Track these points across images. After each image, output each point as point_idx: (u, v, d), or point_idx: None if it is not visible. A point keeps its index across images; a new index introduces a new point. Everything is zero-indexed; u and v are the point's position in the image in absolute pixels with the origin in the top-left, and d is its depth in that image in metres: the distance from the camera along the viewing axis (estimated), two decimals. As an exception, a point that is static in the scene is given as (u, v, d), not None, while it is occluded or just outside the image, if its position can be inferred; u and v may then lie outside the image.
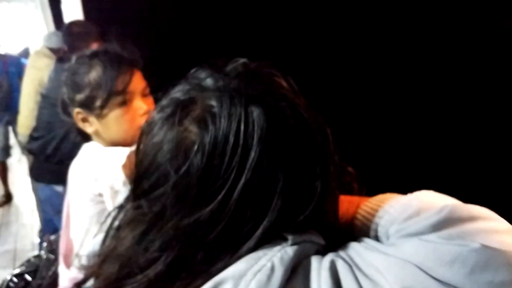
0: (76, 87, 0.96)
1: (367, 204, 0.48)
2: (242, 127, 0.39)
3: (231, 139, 0.39)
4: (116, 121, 0.94)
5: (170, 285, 0.41)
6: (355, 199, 0.52)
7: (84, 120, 0.98)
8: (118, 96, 0.93)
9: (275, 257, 0.38)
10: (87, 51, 0.99)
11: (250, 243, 0.39)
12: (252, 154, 0.39)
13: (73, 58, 1.01)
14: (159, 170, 0.42)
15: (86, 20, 1.99)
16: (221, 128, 0.40)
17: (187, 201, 0.40)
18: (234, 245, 0.40)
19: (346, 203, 0.51)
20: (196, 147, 0.40)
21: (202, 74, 0.45)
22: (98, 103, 0.93)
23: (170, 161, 0.41)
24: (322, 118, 0.46)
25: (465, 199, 0.42)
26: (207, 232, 0.40)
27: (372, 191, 0.53)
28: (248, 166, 0.39)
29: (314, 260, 0.39)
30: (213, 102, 0.41)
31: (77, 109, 0.97)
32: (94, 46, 1.92)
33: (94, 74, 0.94)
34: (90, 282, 0.48)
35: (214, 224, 0.40)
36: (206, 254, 0.40)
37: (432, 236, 0.37)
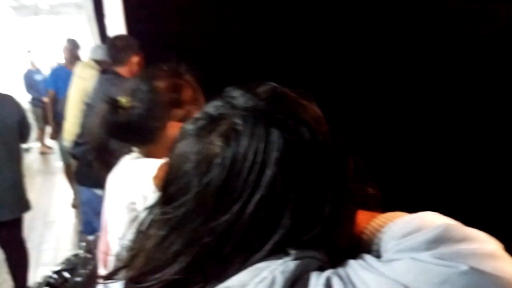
0: None
1: (376, 220, 0.50)
2: (260, 147, 0.43)
3: (250, 156, 0.43)
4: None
5: (184, 287, 0.44)
6: (368, 214, 0.53)
7: None
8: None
9: (277, 270, 0.40)
10: None
11: (259, 255, 0.43)
12: (268, 173, 0.42)
13: None
14: (184, 177, 0.46)
15: (128, 34, 2.12)
16: (242, 146, 0.43)
17: (206, 210, 0.44)
18: (245, 255, 0.43)
19: (360, 216, 0.53)
20: (218, 160, 0.44)
21: (235, 93, 0.49)
22: None
23: (194, 170, 0.46)
24: (347, 145, 0.48)
25: (469, 209, 0.42)
26: (221, 240, 0.43)
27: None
28: (262, 183, 0.42)
29: (313, 276, 0.41)
30: (239, 121, 0.45)
31: None
32: (134, 59, 2.04)
33: None
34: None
35: (228, 234, 0.43)
36: (219, 261, 0.44)
37: (425, 255, 0.38)
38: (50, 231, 3.56)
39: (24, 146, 2.78)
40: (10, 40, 7.32)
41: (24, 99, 5.00)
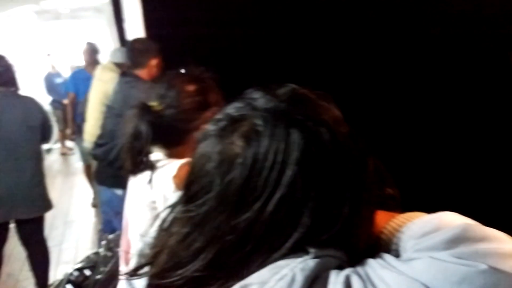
0: None
1: (395, 220, 0.50)
2: (281, 147, 0.44)
3: (271, 156, 0.44)
4: None
5: (206, 283, 0.46)
6: (387, 214, 0.54)
7: None
8: None
9: (297, 268, 0.41)
10: None
11: (279, 253, 0.44)
12: (288, 172, 0.43)
13: None
14: (207, 177, 0.48)
15: (147, 37, 2.16)
16: (263, 146, 0.45)
17: (228, 208, 0.46)
18: (265, 253, 0.44)
19: (379, 216, 0.53)
20: (239, 160, 0.46)
21: (255, 94, 0.51)
22: None
23: (216, 170, 0.47)
24: (366, 146, 0.49)
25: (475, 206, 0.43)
26: (242, 238, 0.45)
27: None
28: (283, 183, 0.44)
29: (333, 274, 0.42)
30: (259, 122, 0.46)
31: None
32: (153, 62, 2.07)
33: None
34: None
35: (249, 232, 0.45)
36: (240, 258, 0.45)
37: (444, 254, 0.38)
38: (70, 230, 3.64)
39: (45, 147, 2.85)
40: (31, 43, 7.52)
41: (44, 101, 5.13)
